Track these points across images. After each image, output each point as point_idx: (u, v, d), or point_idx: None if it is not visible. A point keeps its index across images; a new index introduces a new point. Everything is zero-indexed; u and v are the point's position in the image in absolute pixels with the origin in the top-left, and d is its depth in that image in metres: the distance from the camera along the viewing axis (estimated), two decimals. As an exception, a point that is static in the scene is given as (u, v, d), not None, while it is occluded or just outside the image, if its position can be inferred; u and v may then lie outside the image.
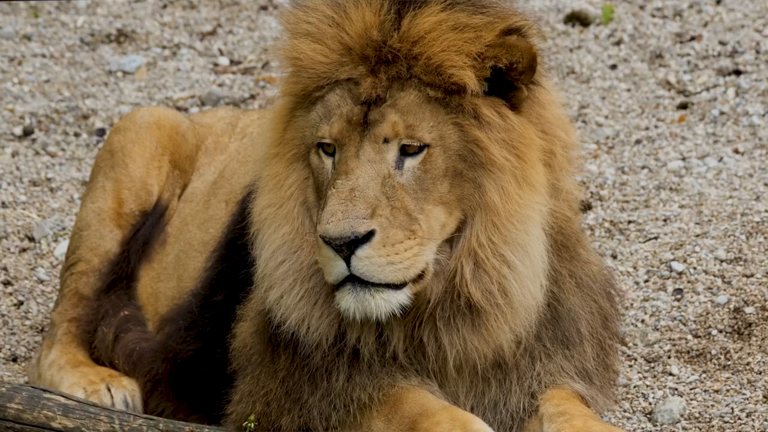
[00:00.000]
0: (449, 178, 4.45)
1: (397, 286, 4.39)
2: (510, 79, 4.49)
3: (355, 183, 4.37)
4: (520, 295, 4.49)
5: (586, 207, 6.84)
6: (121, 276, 5.65)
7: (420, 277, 4.43)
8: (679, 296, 5.99)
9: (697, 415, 5.24)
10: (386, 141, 4.43)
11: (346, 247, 4.33)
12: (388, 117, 4.43)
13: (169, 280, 5.56)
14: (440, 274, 4.48)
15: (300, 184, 4.61)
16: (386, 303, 4.39)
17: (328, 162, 4.51)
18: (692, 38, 8.56)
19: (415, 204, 4.42)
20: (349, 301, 4.40)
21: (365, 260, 4.34)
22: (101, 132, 7.95)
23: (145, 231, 5.66)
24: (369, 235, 4.34)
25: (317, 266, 4.50)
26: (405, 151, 4.44)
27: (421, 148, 4.44)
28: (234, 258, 4.99)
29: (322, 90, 4.53)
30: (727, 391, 5.40)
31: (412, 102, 4.44)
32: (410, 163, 4.44)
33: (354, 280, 4.38)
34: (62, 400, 4.68)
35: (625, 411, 5.32)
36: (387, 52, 4.46)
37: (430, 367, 4.60)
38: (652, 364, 5.62)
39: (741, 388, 5.41)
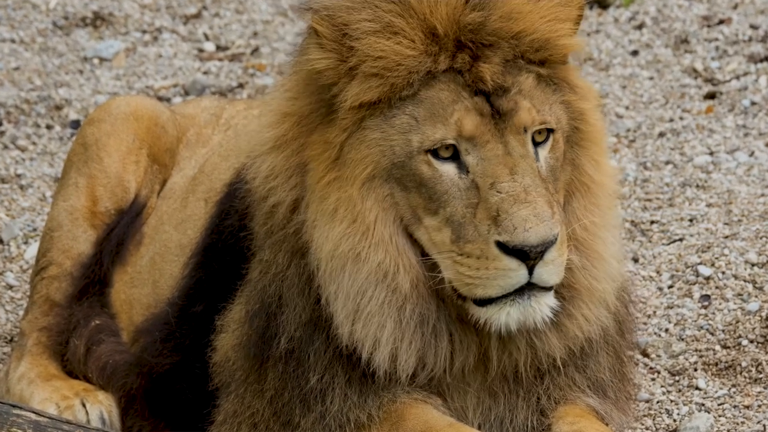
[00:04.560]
0: (565, 162, 4.44)
1: (552, 288, 4.35)
2: None
3: (524, 181, 4.26)
4: (609, 285, 4.51)
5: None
6: (93, 281, 5.63)
7: None
8: (706, 303, 5.99)
9: (725, 432, 5.25)
10: (525, 131, 4.35)
11: (539, 253, 4.25)
12: (521, 104, 4.34)
13: (143, 285, 5.54)
14: None
15: (382, 203, 4.42)
16: (548, 308, 4.35)
17: (447, 168, 4.34)
18: (721, 21, 8.57)
19: (555, 196, 4.38)
20: (512, 313, 4.31)
21: (550, 264, 4.28)
22: (75, 124, 7.96)
23: (119, 231, 5.64)
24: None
25: (415, 290, 4.41)
26: (534, 141, 4.38)
27: (547, 135, 4.39)
28: (213, 265, 4.94)
29: (412, 87, 4.36)
30: (759, 406, 5.40)
31: (531, 85, 4.37)
32: (542, 152, 4.40)
33: (523, 288, 4.30)
34: (33, 416, 4.67)
35: (647, 428, 5.32)
36: (485, 34, 4.35)
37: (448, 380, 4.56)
38: (677, 378, 5.61)
39: (774, 404, 5.42)
